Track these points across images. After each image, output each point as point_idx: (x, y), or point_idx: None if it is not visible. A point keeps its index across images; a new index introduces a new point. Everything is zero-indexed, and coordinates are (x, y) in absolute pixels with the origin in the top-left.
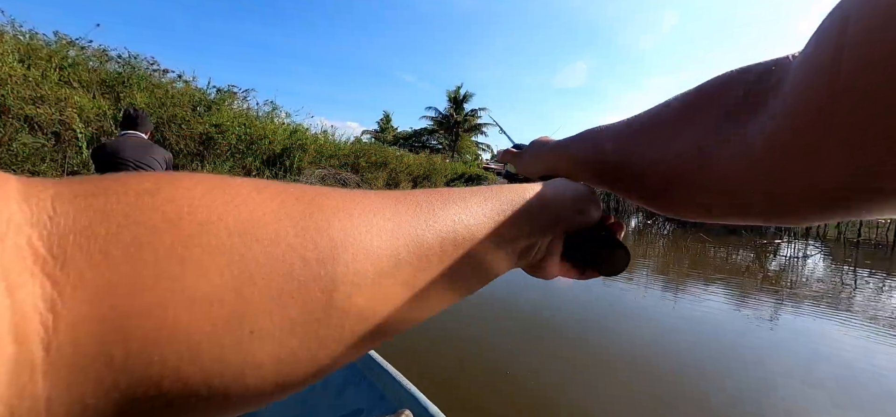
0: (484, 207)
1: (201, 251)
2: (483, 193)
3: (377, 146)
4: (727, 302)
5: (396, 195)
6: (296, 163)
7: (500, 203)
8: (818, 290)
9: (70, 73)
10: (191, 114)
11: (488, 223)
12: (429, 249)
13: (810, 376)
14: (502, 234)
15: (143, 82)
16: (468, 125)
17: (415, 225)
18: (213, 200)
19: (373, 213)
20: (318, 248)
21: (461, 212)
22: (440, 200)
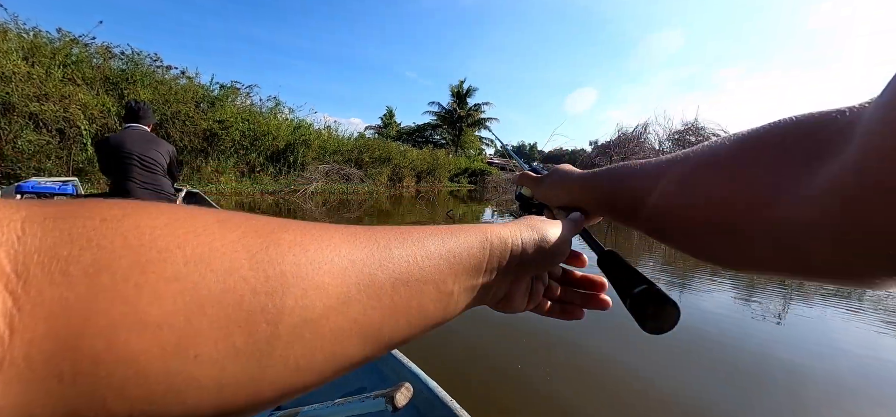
0: (441, 248)
1: (157, 277)
2: (443, 234)
3: (380, 141)
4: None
5: (357, 232)
6: (299, 158)
7: (459, 245)
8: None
9: (74, 71)
10: (194, 110)
11: (443, 265)
12: (380, 288)
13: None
14: (458, 277)
15: (147, 79)
16: (472, 120)
17: (369, 263)
18: (175, 230)
19: (329, 249)
20: (269, 281)
21: (417, 252)
22: (398, 239)
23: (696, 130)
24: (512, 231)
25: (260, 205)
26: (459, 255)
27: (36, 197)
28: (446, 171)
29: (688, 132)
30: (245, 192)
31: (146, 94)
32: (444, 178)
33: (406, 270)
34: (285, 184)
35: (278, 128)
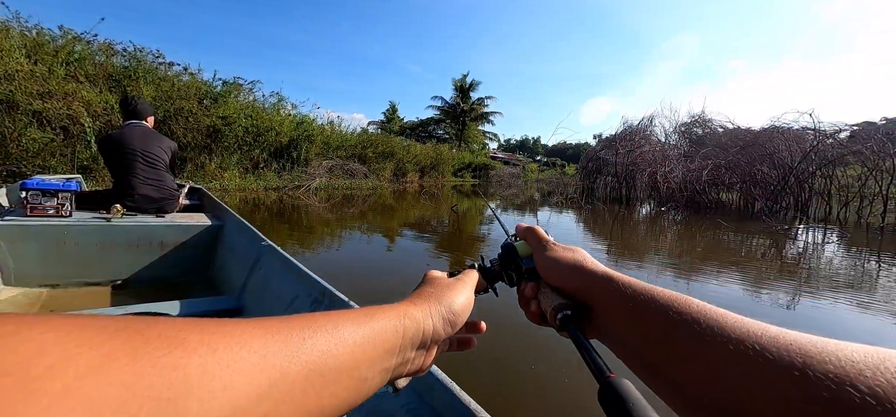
0: (355, 335)
1: (44, 395)
2: (358, 320)
3: (384, 136)
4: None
5: (270, 324)
6: (303, 154)
7: (374, 331)
8: (849, 277)
9: (76, 68)
10: (197, 106)
11: (357, 352)
12: (292, 382)
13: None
14: (372, 363)
15: (150, 75)
16: (475, 114)
17: (281, 356)
18: (66, 344)
19: (239, 346)
20: (173, 387)
21: (329, 342)
22: (311, 329)
23: (703, 122)
24: (423, 312)
25: (264, 202)
26: (374, 341)
27: (40, 193)
28: (450, 166)
29: (695, 124)
30: (249, 189)
31: (149, 91)
32: (448, 173)
33: (319, 361)
34: (289, 180)
35: (281, 123)
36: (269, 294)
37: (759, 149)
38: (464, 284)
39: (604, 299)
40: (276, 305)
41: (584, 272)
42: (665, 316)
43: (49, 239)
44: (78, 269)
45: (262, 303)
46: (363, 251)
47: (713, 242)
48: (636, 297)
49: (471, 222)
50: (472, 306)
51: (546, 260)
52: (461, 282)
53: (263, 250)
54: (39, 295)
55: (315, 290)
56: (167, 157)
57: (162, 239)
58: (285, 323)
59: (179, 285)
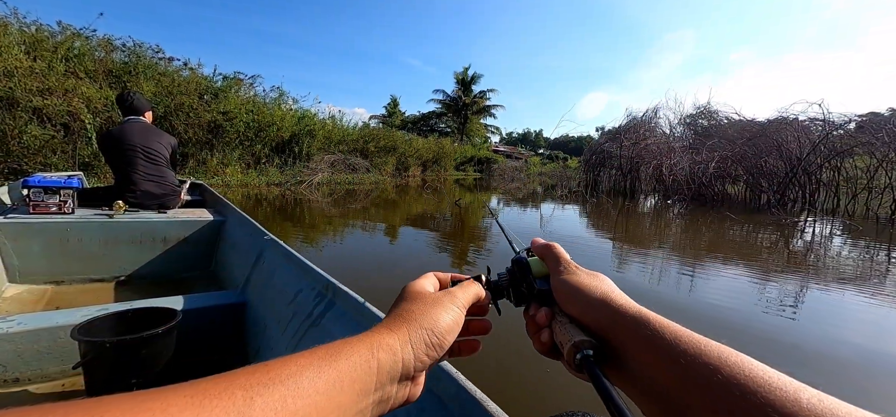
0: (316, 382)
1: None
2: (318, 364)
3: (386, 131)
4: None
5: (208, 386)
6: (304, 148)
7: (340, 373)
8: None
9: (76, 64)
10: (198, 101)
11: (322, 401)
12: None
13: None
14: (341, 408)
15: (149, 71)
16: (477, 107)
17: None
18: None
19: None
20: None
21: (287, 396)
22: (263, 384)
23: (709, 113)
24: (401, 339)
25: (266, 197)
26: (341, 384)
27: (42, 190)
28: (452, 160)
29: (700, 115)
30: (251, 184)
31: (149, 87)
32: (450, 167)
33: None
34: (291, 176)
35: (283, 118)
36: (272, 288)
37: (767, 141)
38: (452, 299)
39: (635, 343)
40: (280, 299)
41: (612, 307)
42: (714, 376)
43: (52, 236)
44: (82, 266)
45: (266, 298)
46: (368, 247)
47: (725, 236)
48: (677, 347)
49: (474, 216)
50: (460, 325)
51: (566, 285)
52: (449, 296)
53: (266, 244)
54: (44, 291)
55: (319, 284)
56: (168, 153)
57: (164, 235)
58: (230, 382)
59: (182, 280)
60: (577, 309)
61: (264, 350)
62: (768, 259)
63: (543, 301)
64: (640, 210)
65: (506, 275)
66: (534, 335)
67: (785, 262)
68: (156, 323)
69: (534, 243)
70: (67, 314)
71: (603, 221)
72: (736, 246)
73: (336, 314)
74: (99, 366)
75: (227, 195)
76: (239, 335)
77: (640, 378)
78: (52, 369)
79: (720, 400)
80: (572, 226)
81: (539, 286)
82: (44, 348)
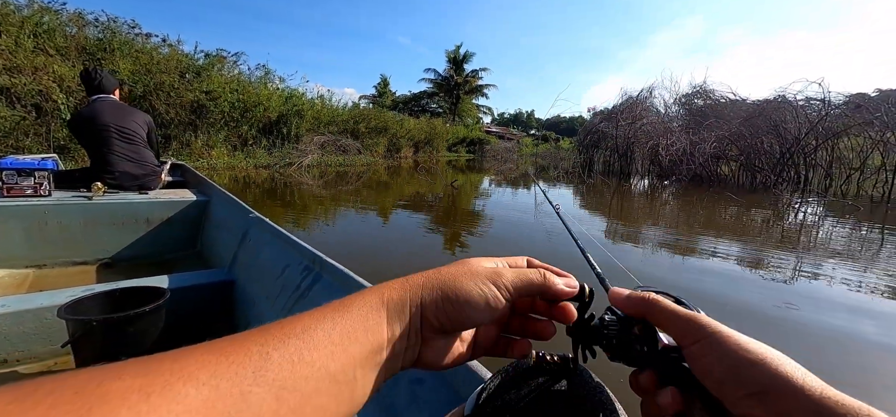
0: (332, 333)
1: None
2: (333, 315)
3: (377, 111)
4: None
5: (223, 347)
6: (293, 130)
7: (353, 324)
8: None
9: (45, 40)
10: (179, 81)
11: (338, 352)
12: (260, 407)
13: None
14: (357, 362)
15: (126, 47)
16: (469, 87)
17: (240, 382)
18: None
19: (183, 382)
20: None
21: (303, 348)
22: (278, 338)
23: (705, 93)
24: (412, 293)
25: (255, 180)
26: (355, 334)
27: (16, 173)
28: (444, 141)
29: (696, 95)
30: (238, 167)
31: (126, 64)
32: (442, 148)
33: (292, 373)
34: (280, 158)
35: (269, 98)
36: (259, 265)
37: (764, 120)
38: (492, 274)
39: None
40: (268, 275)
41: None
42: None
43: (30, 220)
44: (63, 249)
45: (254, 275)
46: (363, 230)
47: (740, 218)
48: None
49: (465, 197)
50: (494, 306)
51: (705, 356)
52: (492, 272)
53: (252, 222)
54: (26, 275)
55: (306, 257)
56: (144, 132)
57: (147, 216)
58: (244, 340)
59: (168, 261)
60: (754, 409)
61: (254, 325)
62: (789, 241)
63: (669, 372)
64: (638, 190)
65: (614, 323)
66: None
67: (810, 245)
68: (143, 303)
69: (630, 297)
70: (52, 295)
71: (603, 201)
72: (749, 228)
73: (323, 286)
74: (87, 345)
75: (213, 178)
76: (228, 312)
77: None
78: (40, 349)
79: None
80: (572, 209)
81: (665, 354)
82: (30, 329)
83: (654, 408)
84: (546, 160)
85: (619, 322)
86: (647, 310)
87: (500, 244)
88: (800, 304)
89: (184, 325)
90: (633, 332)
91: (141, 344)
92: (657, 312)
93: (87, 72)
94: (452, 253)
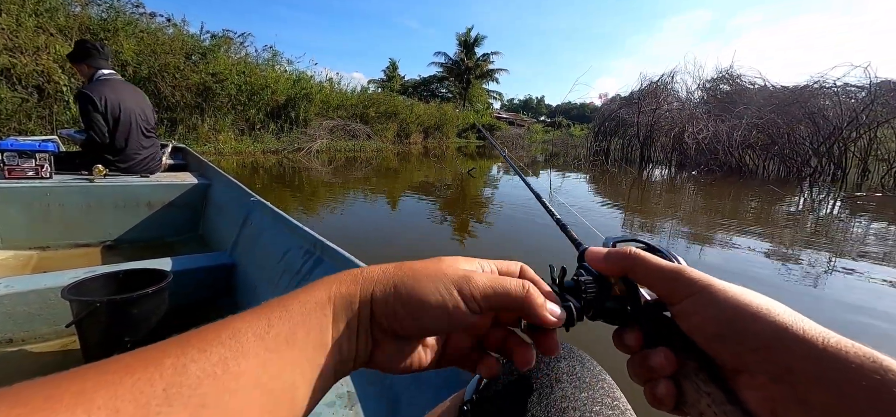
0: (266, 336)
1: None
2: (267, 314)
3: (386, 95)
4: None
5: (131, 361)
6: (301, 114)
7: (292, 322)
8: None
9: (47, 19)
10: (185, 62)
11: (271, 358)
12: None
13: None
14: (296, 365)
15: (130, 27)
16: (480, 71)
17: (146, 403)
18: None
19: (70, 410)
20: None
21: (229, 356)
22: (197, 348)
23: (731, 78)
24: (363, 285)
25: (263, 165)
26: (293, 336)
27: (17, 154)
28: (454, 127)
29: (722, 80)
30: (246, 152)
31: (130, 45)
32: (452, 134)
33: (213, 389)
34: (288, 143)
35: (277, 81)
36: (260, 248)
37: (800, 108)
38: (459, 280)
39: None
40: (269, 258)
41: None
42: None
43: (33, 201)
44: (66, 230)
45: (255, 258)
46: (384, 226)
47: (790, 217)
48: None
49: (479, 184)
50: (453, 315)
51: (693, 312)
52: (460, 278)
53: (253, 206)
54: (30, 256)
55: (307, 242)
56: (154, 118)
57: (149, 199)
58: (158, 351)
59: (170, 243)
60: (756, 359)
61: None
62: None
63: (656, 333)
64: (672, 181)
65: (591, 283)
66: (643, 380)
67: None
68: (146, 285)
69: (608, 255)
70: (56, 276)
71: (637, 195)
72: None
73: (324, 270)
74: (91, 325)
75: (220, 163)
76: (229, 294)
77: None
78: (46, 330)
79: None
80: (592, 203)
81: (650, 309)
82: (35, 309)
83: (643, 370)
84: (557, 147)
85: (596, 281)
86: (628, 267)
87: (510, 227)
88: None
89: (186, 308)
90: (612, 292)
91: (144, 326)
92: (640, 269)
93: (89, 43)
94: (461, 243)
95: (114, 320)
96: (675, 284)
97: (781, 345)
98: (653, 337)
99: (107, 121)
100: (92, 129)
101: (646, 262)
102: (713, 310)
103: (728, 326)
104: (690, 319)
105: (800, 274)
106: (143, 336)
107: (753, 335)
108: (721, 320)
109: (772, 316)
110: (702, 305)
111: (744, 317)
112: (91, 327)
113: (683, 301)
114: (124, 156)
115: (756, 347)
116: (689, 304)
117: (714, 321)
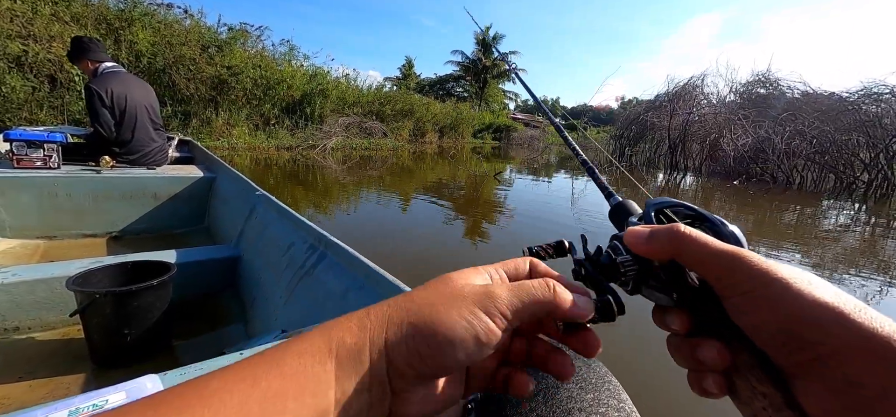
0: (254, 392)
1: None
2: (253, 369)
3: (402, 93)
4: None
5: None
6: (317, 110)
7: (283, 377)
8: None
9: (64, 7)
10: (201, 55)
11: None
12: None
13: None
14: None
15: (146, 18)
16: (498, 70)
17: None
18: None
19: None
20: None
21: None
22: (175, 408)
23: (769, 82)
24: (373, 332)
25: (277, 162)
26: (285, 393)
27: (25, 144)
28: (470, 126)
29: (758, 83)
30: (260, 147)
31: (146, 37)
32: (468, 134)
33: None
34: (303, 139)
35: (293, 76)
36: (265, 242)
37: (851, 117)
38: (484, 300)
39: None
40: (274, 252)
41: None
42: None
43: (40, 191)
44: (73, 220)
45: (260, 251)
46: (400, 226)
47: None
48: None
49: (488, 187)
50: (488, 341)
51: (780, 327)
52: (483, 295)
53: (258, 200)
54: (37, 245)
55: (311, 236)
56: (159, 108)
57: (155, 191)
58: (142, 406)
59: (176, 235)
60: (776, 329)
61: (259, 300)
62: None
63: (708, 323)
64: (700, 189)
65: (630, 264)
66: (688, 366)
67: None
68: (151, 276)
69: (631, 235)
70: (63, 266)
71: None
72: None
73: (328, 264)
74: (94, 316)
75: (234, 159)
76: (234, 287)
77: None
78: (52, 318)
79: None
80: None
81: (696, 295)
82: (41, 298)
83: (690, 359)
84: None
85: (636, 262)
86: (676, 250)
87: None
88: None
89: (192, 300)
90: (654, 272)
91: (146, 318)
92: (690, 251)
93: (85, 38)
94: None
95: (116, 311)
96: (731, 275)
97: (853, 356)
98: (703, 325)
99: (113, 116)
100: (98, 124)
101: (697, 244)
102: (773, 316)
103: (791, 338)
104: (746, 318)
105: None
106: (145, 328)
107: (821, 344)
108: (783, 328)
109: (849, 317)
110: (760, 307)
111: (810, 326)
112: (94, 317)
113: (737, 297)
114: (131, 149)
115: (824, 359)
116: (746, 302)
117: (774, 328)
